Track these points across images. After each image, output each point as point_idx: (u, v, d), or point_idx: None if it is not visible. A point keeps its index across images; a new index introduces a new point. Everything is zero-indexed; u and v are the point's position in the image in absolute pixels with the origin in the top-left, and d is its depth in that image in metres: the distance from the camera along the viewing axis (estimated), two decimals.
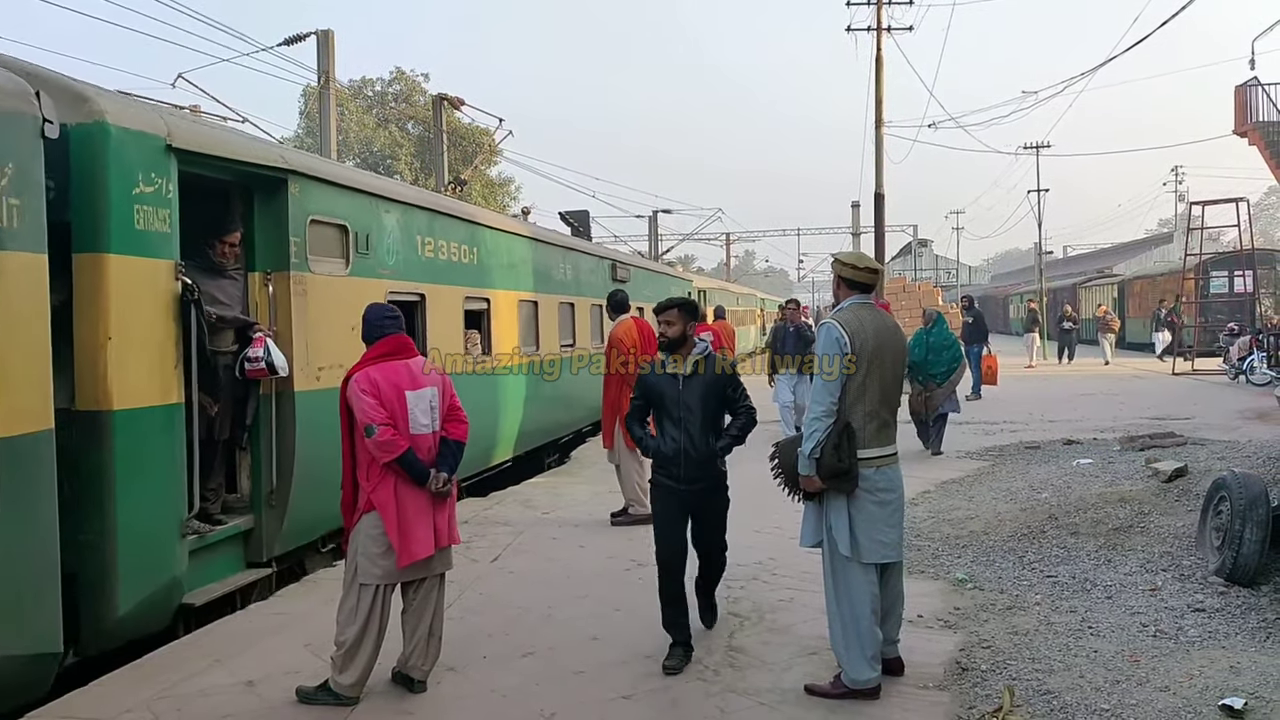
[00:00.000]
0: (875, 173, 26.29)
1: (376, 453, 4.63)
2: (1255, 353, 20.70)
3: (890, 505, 4.71)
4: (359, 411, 4.64)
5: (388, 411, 4.65)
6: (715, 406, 5.33)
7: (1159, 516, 7.62)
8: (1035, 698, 4.55)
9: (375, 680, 4.85)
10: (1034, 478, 9.70)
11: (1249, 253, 27.35)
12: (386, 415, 4.64)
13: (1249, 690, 4.38)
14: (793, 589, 6.44)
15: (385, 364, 4.77)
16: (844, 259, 4.91)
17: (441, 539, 4.84)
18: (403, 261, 8.65)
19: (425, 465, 4.73)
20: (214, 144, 6.24)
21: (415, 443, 4.71)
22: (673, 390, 5.31)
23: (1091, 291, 46.48)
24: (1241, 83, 23.75)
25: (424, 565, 4.80)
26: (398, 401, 4.69)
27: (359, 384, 4.68)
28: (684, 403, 5.26)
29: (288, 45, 17.00)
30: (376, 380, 4.69)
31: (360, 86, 51.06)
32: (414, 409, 4.74)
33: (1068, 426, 14.14)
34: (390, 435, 4.61)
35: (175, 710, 4.67)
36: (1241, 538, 6.11)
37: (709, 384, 5.30)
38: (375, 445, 4.61)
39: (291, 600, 6.52)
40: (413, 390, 4.75)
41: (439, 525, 4.82)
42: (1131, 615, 5.76)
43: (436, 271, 9.44)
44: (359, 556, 4.72)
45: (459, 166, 31.61)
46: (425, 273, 9.16)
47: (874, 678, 4.63)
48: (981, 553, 7.25)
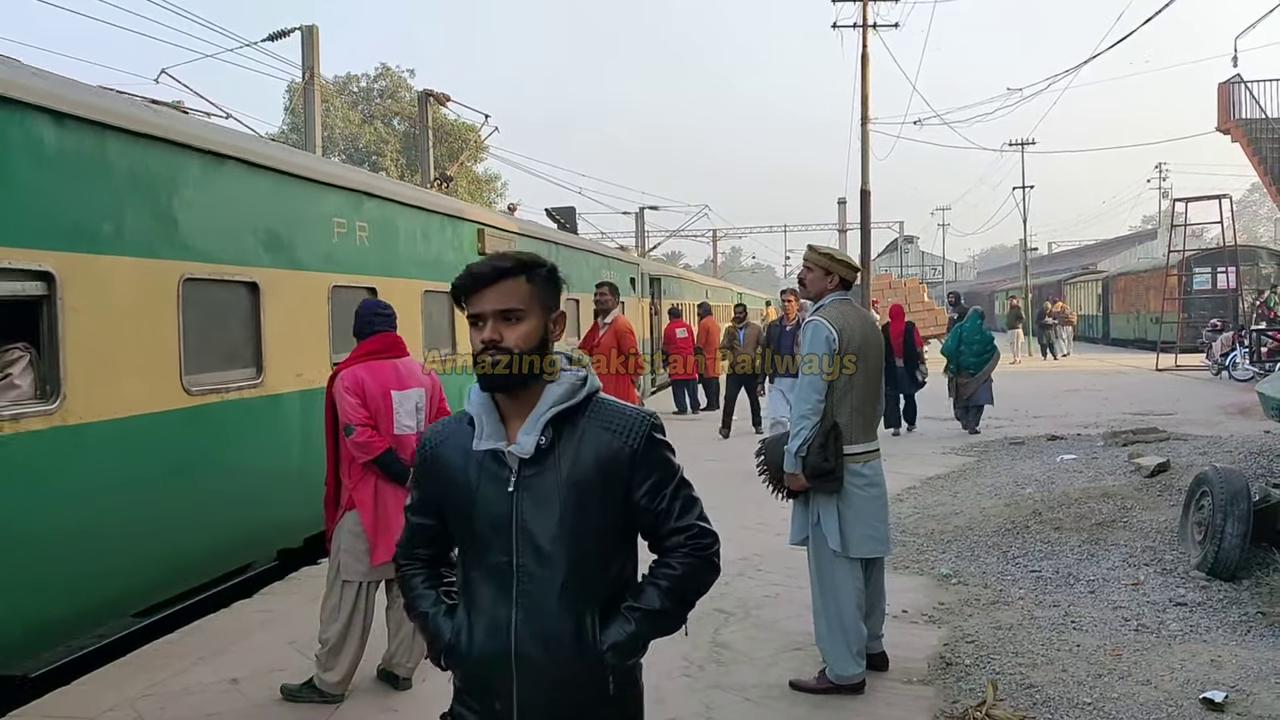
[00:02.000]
0: (861, 169, 26.32)
1: (355, 452, 4.63)
2: (1238, 349, 20.85)
3: (877, 499, 4.74)
4: (342, 410, 4.63)
5: (370, 411, 4.64)
6: (597, 533, 2.13)
7: (1141, 511, 7.67)
8: (1018, 691, 4.57)
9: (360, 678, 4.84)
10: (1018, 473, 9.75)
11: (1232, 249, 27.54)
12: (368, 416, 4.63)
13: (1230, 683, 4.41)
14: (778, 585, 6.45)
15: (374, 362, 4.75)
16: (833, 254, 4.89)
17: None
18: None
19: (406, 465, 4.69)
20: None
21: (399, 443, 4.69)
22: (494, 495, 2.12)
23: (1076, 288, 46.73)
24: (1225, 80, 23.87)
25: None
26: (383, 401, 4.68)
27: (344, 382, 4.67)
28: (521, 526, 2.10)
29: (272, 41, 16.91)
30: (362, 379, 4.67)
31: (345, 82, 50.85)
32: (399, 409, 4.72)
33: (1052, 422, 14.22)
34: (368, 436, 4.60)
35: (159, 708, 4.65)
36: (1223, 532, 6.16)
37: (583, 477, 2.10)
38: (353, 445, 4.62)
39: (276, 598, 6.50)
40: (399, 390, 4.74)
41: None
42: (1114, 609, 5.79)
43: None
44: (341, 554, 4.72)
45: (445, 163, 31.51)
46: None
47: (859, 673, 4.65)
48: (966, 548, 7.28)
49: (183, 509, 5.84)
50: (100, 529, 5.23)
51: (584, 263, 15.57)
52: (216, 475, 6.21)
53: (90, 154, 5.35)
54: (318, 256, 7.49)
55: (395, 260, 8.73)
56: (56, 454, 4.97)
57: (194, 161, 6.16)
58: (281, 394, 6.88)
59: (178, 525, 5.81)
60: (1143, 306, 34.32)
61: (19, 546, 4.77)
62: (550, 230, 16.42)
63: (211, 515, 6.09)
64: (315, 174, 7.66)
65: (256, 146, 7.28)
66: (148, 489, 5.61)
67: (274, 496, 6.80)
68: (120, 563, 5.42)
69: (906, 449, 12.01)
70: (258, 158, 6.90)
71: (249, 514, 6.56)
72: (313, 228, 7.49)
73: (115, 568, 5.39)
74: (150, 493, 5.62)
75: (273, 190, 7.04)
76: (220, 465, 6.27)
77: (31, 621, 4.91)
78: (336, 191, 7.87)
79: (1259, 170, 23.35)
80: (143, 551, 5.57)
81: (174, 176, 5.99)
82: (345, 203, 7.94)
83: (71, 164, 5.20)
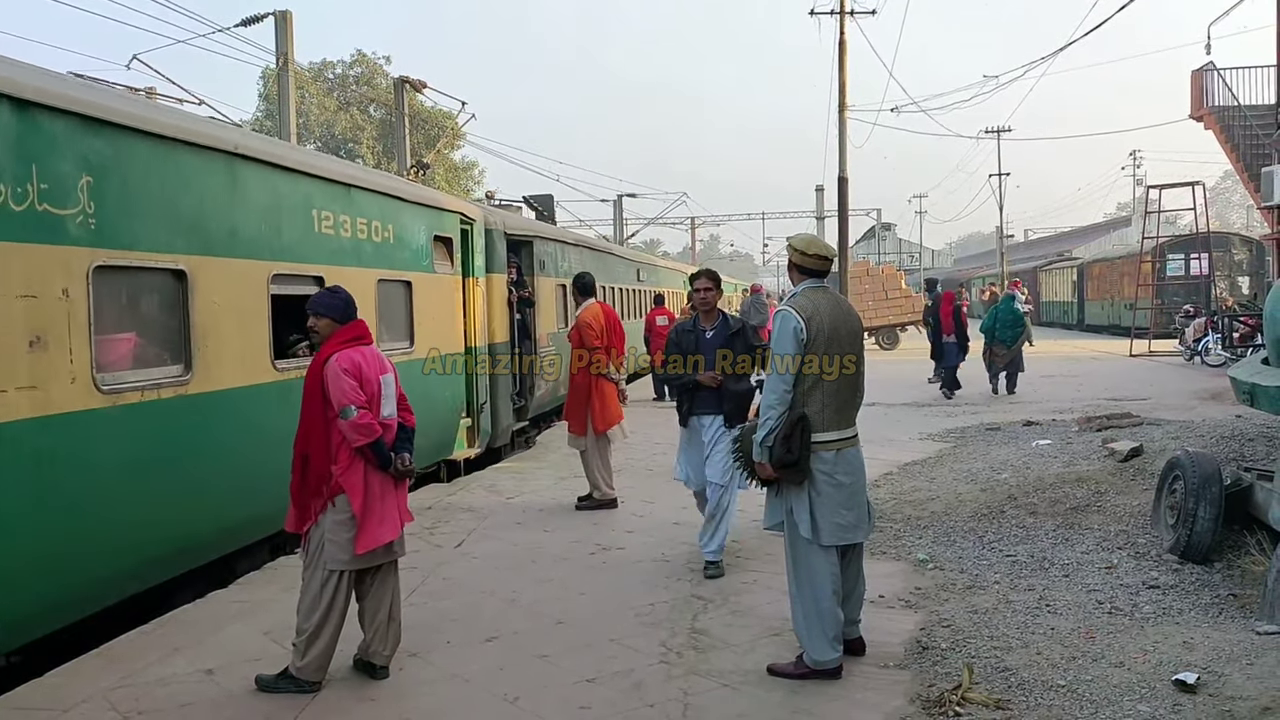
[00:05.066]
0: (839, 157, 26.38)
1: (351, 435, 4.54)
2: (1210, 334, 21.07)
3: (847, 488, 4.72)
4: (339, 392, 4.53)
5: (367, 395, 4.60)
6: None
7: (1115, 496, 7.74)
8: (994, 675, 4.61)
9: (337, 667, 4.82)
10: (994, 459, 9.81)
11: (1205, 236, 27.80)
12: (366, 399, 4.59)
13: (1201, 665, 4.46)
14: (756, 571, 6.47)
15: (361, 347, 4.72)
16: (796, 244, 4.89)
17: (402, 522, 4.83)
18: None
19: (389, 451, 4.72)
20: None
21: (383, 428, 4.68)
22: None
23: (1051, 275, 47.07)
24: (1198, 67, 24.02)
25: (385, 550, 4.77)
26: (376, 385, 4.66)
27: (340, 363, 4.58)
28: None
29: (245, 26, 16.76)
30: (359, 362, 4.62)
31: (321, 69, 50.42)
32: (386, 395, 4.71)
33: (1027, 408, 14.33)
34: (369, 419, 4.56)
35: (133, 700, 4.61)
36: (1195, 516, 6.22)
37: None
38: (351, 428, 4.53)
39: (252, 588, 6.46)
40: (384, 375, 4.73)
41: (401, 507, 4.81)
42: (1088, 593, 5.85)
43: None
44: (327, 543, 4.65)
45: (422, 150, 31.31)
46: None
47: (835, 658, 4.67)
48: (942, 533, 7.33)
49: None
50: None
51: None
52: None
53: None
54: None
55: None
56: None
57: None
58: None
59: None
60: (1117, 293, 34.63)
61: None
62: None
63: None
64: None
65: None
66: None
67: None
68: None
69: (884, 435, 12.07)
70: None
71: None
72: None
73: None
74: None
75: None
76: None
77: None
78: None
79: (1231, 157, 23.52)
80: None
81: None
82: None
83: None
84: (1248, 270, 31.04)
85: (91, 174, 5.34)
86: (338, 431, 4.60)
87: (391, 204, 9.24)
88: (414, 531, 7.84)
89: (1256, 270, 30.24)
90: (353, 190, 8.41)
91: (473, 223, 11.48)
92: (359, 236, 8.47)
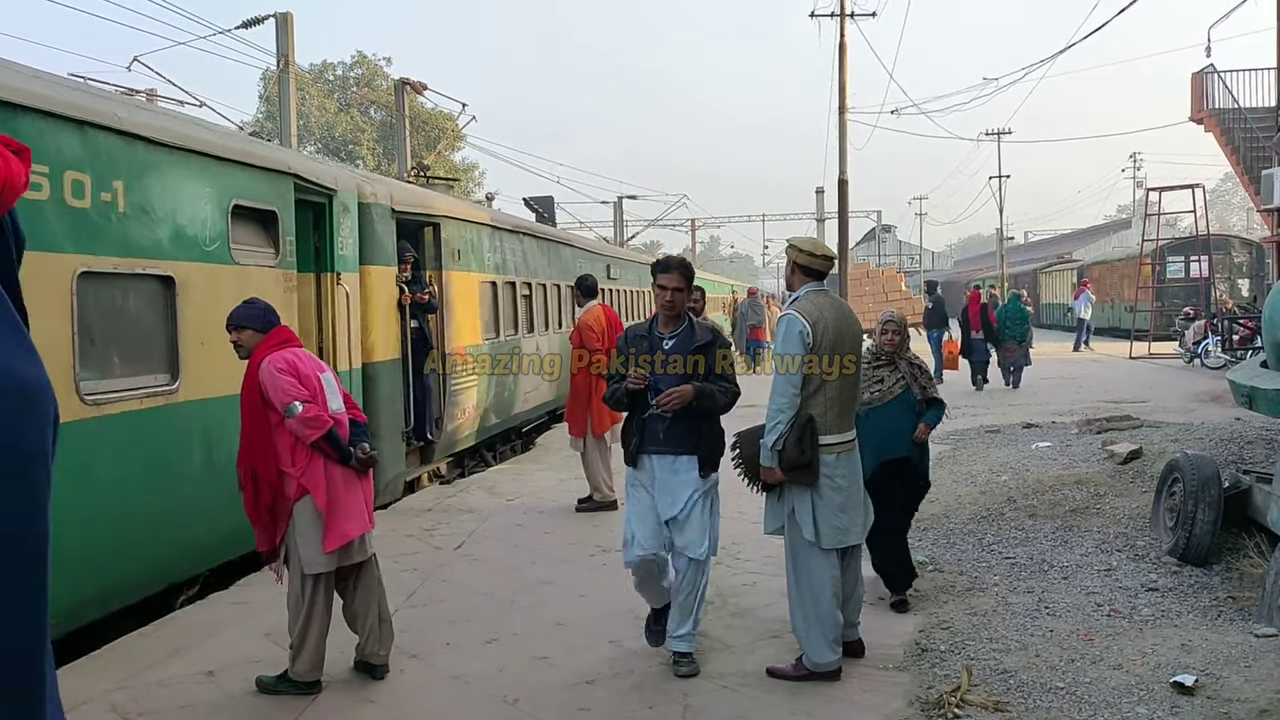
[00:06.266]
0: (839, 159, 26.38)
1: (303, 430, 4.47)
2: (1210, 337, 21.06)
3: (845, 491, 4.74)
4: (278, 392, 4.45)
5: (309, 391, 4.55)
6: None
7: (1114, 498, 7.75)
8: (992, 677, 4.62)
9: (338, 669, 4.83)
10: (993, 461, 9.82)
11: (1205, 238, 27.79)
12: (308, 394, 4.53)
13: (1200, 667, 4.47)
14: (755, 573, 6.48)
15: (292, 349, 4.68)
16: (800, 245, 4.88)
17: (371, 517, 4.81)
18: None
19: (347, 444, 4.66)
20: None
21: (335, 422, 4.63)
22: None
23: (1051, 277, 47.08)
24: (1198, 70, 24.03)
25: (360, 547, 4.74)
26: (317, 382, 4.62)
27: (274, 364, 4.50)
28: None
29: (246, 28, 16.76)
30: (294, 361, 4.57)
31: (321, 70, 50.46)
32: (328, 391, 4.67)
33: (1027, 410, 14.32)
34: (316, 411, 4.51)
35: (133, 701, 4.62)
36: (1194, 518, 6.23)
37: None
38: (300, 423, 4.46)
39: (252, 589, 6.46)
40: (323, 374, 4.71)
41: (367, 501, 4.78)
42: (1087, 595, 5.86)
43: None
44: (300, 549, 4.60)
45: (422, 152, 31.34)
46: None
47: (834, 660, 4.68)
48: (942, 535, 7.34)
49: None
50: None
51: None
52: None
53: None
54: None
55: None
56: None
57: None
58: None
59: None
60: (1117, 295, 34.62)
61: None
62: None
63: None
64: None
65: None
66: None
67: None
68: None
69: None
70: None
71: None
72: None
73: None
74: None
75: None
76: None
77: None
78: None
79: (1231, 160, 23.50)
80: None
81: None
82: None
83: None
84: (1248, 273, 31.05)
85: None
86: (287, 434, 4.52)
87: (122, 146, 5.53)
88: (414, 533, 7.87)
89: (1256, 273, 30.25)
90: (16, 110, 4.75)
91: (333, 194, 8.04)
92: (29, 196, 4.66)
